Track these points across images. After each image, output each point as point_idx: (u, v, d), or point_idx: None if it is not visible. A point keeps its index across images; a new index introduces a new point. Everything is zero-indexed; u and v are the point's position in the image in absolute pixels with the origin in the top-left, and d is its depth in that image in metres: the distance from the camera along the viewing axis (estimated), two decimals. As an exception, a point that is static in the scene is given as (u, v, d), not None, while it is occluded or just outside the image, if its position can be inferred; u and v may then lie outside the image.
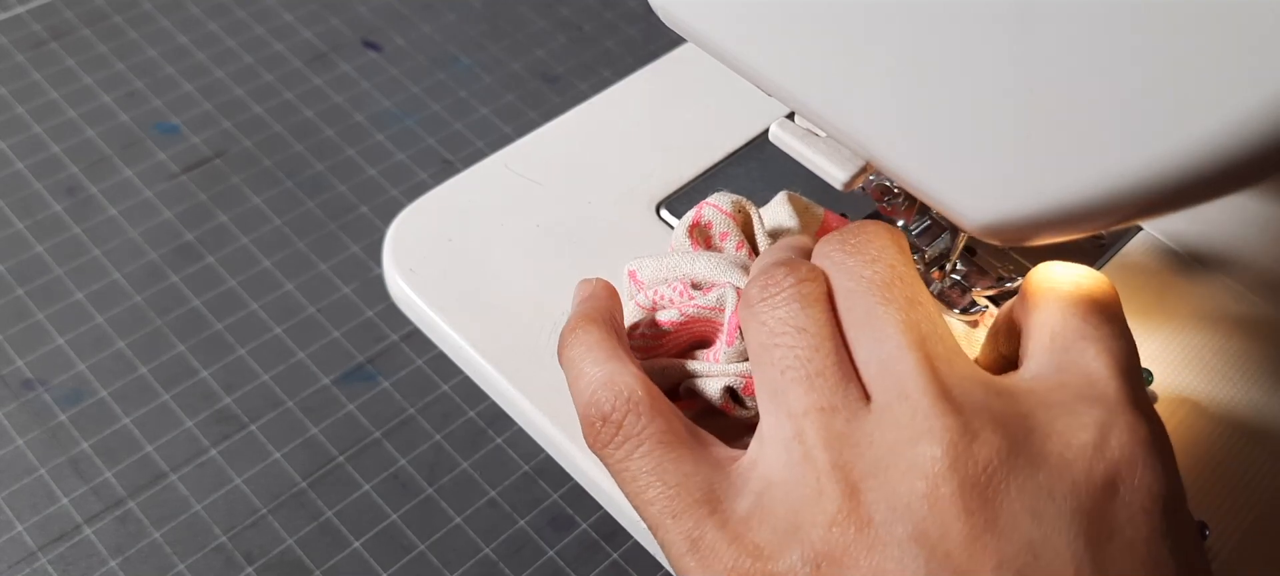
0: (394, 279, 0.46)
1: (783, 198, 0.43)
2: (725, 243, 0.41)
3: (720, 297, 0.38)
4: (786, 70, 0.35)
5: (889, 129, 0.33)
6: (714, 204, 0.42)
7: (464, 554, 0.71)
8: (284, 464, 0.75)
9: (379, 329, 0.83)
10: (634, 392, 0.32)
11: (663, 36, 1.10)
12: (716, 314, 0.38)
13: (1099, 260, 0.48)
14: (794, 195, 0.43)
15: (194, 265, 0.86)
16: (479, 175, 0.50)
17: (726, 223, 0.41)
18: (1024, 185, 0.30)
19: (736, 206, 0.42)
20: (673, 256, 0.41)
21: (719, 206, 0.41)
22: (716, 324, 0.38)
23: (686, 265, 0.40)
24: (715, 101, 0.54)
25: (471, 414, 0.78)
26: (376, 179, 0.94)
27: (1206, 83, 0.25)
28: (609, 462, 0.32)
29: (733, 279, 0.39)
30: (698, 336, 0.39)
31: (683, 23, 0.37)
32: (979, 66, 0.29)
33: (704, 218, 0.42)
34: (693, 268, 0.40)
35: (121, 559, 0.69)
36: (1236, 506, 0.41)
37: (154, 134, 0.96)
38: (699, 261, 0.40)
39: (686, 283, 0.39)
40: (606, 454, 0.32)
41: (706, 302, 0.38)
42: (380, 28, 1.08)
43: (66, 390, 0.77)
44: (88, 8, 1.06)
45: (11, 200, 0.89)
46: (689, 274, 0.40)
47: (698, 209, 0.42)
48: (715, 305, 0.38)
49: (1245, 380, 0.45)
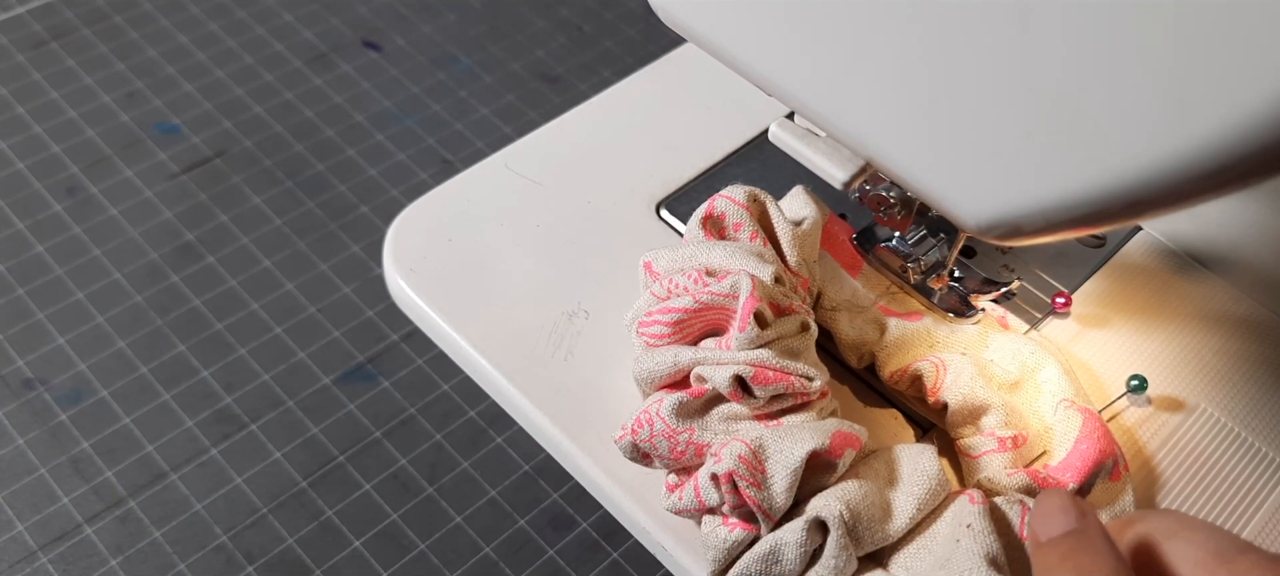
0: (394, 279, 0.46)
1: (799, 191, 0.44)
2: (739, 233, 0.41)
3: (734, 284, 0.38)
4: (786, 70, 0.35)
5: (889, 129, 0.33)
6: (727, 196, 0.42)
7: (464, 553, 0.71)
8: (284, 463, 0.75)
9: (379, 329, 0.83)
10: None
11: (663, 36, 1.10)
12: (730, 300, 0.38)
13: (1099, 260, 0.48)
14: (809, 190, 0.43)
15: (194, 265, 0.86)
16: (479, 175, 0.50)
17: (740, 213, 0.41)
18: (1024, 184, 0.30)
19: (750, 197, 0.42)
20: (687, 247, 0.41)
21: (732, 198, 0.41)
22: (730, 312, 0.38)
23: (702, 254, 0.40)
24: (715, 101, 0.54)
25: (472, 413, 0.78)
26: (376, 179, 0.94)
27: (1206, 82, 0.25)
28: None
29: (748, 266, 0.39)
30: (712, 325, 0.39)
31: (683, 23, 0.37)
32: (979, 67, 0.29)
33: (717, 209, 0.42)
34: (708, 257, 0.40)
35: (122, 558, 0.69)
36: (1237, 507, 0.41)
37: (154, 134, 0.96)
38: (714, 250, 0.40)
39: (701, 271, 0.39)
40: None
41: (720, 289, 0.38)
42: (380, 28, 1.08)
43: (67, 390, 0.77)
44: (88, 8, 1.06)
45: (12, 200, 0.89)
46: (704, 262, 0.40)
47: (711, 201, 0.42)
48: (728, 292, 0.38)
49: (1245, 380, 0.45)
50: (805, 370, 0.37)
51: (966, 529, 0.34)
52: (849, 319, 0.43)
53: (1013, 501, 0.35)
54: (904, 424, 0.42)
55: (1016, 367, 0.41)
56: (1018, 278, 0.47)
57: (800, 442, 0.35)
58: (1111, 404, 0.43)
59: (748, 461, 0.35)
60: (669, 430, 0.37)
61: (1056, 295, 0.46)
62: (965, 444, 0.40)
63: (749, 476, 0.34)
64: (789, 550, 0.34)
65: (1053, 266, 0.48)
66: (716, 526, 0.36)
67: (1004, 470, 0.38)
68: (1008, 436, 0.38)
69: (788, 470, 0.34)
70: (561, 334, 0.44)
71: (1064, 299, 0.46)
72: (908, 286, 0.45)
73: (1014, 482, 0.37)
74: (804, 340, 0.38)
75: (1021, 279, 0.47)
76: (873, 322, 0.43)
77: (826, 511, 0.34)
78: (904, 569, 0.35)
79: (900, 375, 0.41)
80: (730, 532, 0.35)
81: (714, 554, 0.36)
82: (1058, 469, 0.38)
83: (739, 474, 0.34)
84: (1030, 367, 0.41)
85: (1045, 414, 0.40)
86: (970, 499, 0.35)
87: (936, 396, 0.40)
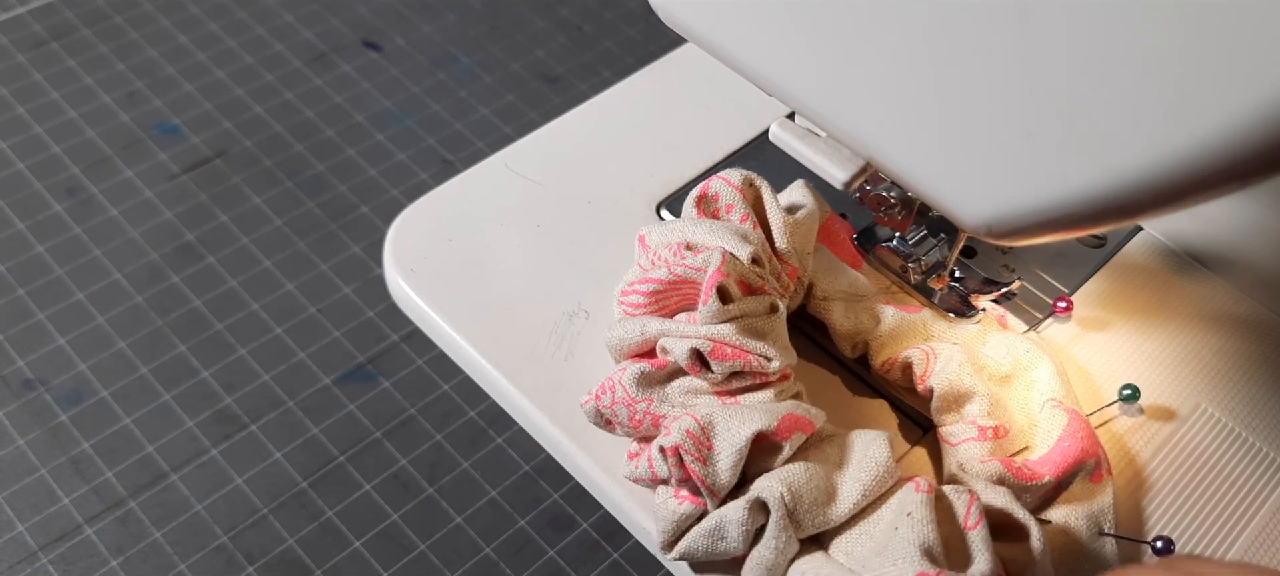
0: (394, 279, 0.46)
1: (800, 184, 0.44)
2: (730, 215, 0.42)
3: (706, 259, 0.38)
4: (787, 70, 0.35)
5: (889, 129, 0.33)
6: (723, 177, 0.42)
7: (464, 553, 0.71)
8: (284, 464, 0.75)
9: (379, 329, 0.83)
10: None
11: (663, 36, 1.10)
12: (700, 275, 0.38)
13: (1099, 260, 0.48)
14: (809, 184, 0.44)
15: (194, 265, 0.86)
16: (479, 175, 0.50)
17: (732, 195, 0.42)
18: (1024, 184, 0.30)
19: (745, 181, 0.42)
20: (678, 222, 0.42)
21: (727, 180, 0.42)
22: (701, 286, 0.38)
23: (689, 230, 0.41)
24: (715, 101, 0.54)
25: (472, 414, 0.78)
26: (377, 179, 0.94)
27: (1207, 82, 0.25)
28: None
29: (727, 244, 0.39)
30: (688, 300, 0.40)
31: (683, 23, 0.37)
32: (979, 67, 0.29)
33: (711, 189, 0.42)
34: (693, 233, 0.41)
35: (122, 558, 0.69)
36: (1237, 507, 0.41)
37: (155, 134, 0.96)
38: (700, 227, 0.41)
39: (681, 245, 0.40)
40: None
41: (693, 263, 0.38)
42: (380, 28, 1.08)
43: (67, 390, 0.77)
44: (88, 8, 1.06)
45: (12, 200, 0.89)
46: (689, 238, 0.40)
47: (707, 182, 0.42)
48: (700, 266, 0.38)
49: (1245, 380, 0.45)
50: (764, 349, 0.37)
51: (907, 516, 0.34)
52: (844, 309, 0.43)
53: (961, 492, 0.35)
54: (892, 415, 0.42)
55: (1010, 363, 0.41)
56: (1018, 277, 0.47)
57: (747, 422, 0.35)
58: (1102, 409, 0.43)
59: (695, 436, 0.35)
60: (629, 398, 0.38)
61: (1058, 299, 0.46)
62: (946, 431, 0.40)
63: (695, 451, 0.35)
64: (732, 527, 0.35)
65: (1053, 266, 0.48)
66: (668, 497, 0.37)
67: (978, 458, 0.38)
68: (989, 426, 0.38)
69: (733, 448, 0.35)
70: (561, 334, 0.44)
71: (1066, 303, 0.46)
72: (908, 286, 0.45)
73: (986, 471, 0.37)
74: (771, 322, 0.39)
75: (1022, 279, 0.47)
76: (869, 311, 0.43)
77: (768, 493, 0.35)
78: (844, 553, 0.35)
79: (891, 364, 0.41)
80: (680, 505, 0.36)
81: (664, 525, 0.36)
82: (1036, 463, 0.38)
83: (685, 448, 0.35)
84: (1024, 365, 0.41)
85: (1033, 411, 0.40)
86: (916, 487, 0.35)
87: (925, 383, 0.40)
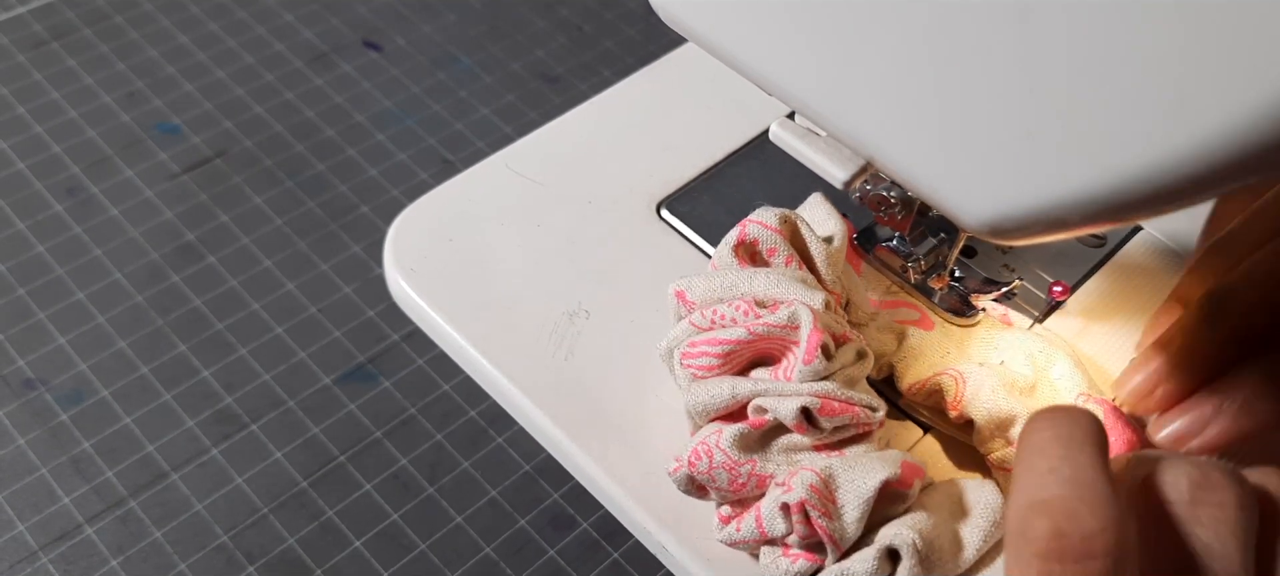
0: (395, 279, 0.46)
1: (818, 198, 0.43)
2: (774, 259, 0.41)
3: (792, 316, 0.37)
4: (786, 70, 0.35)
5: (889, 128, 0.33)
6: (757, 221, 0.40)
7: (465, 553, 0.71)
8: (285, 463, 0.75)
9: (379, 329, 0.83)
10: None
11: (663, 36, 1.10)
12: (788, 332, 0.37)
13: (1099, 259, 0.48)
14: (826, 197, 0.43)
15: (195, 265, 0.86)
16: (479, 175, 0.50)
17: (773, 238, 0.40)
18: (1024, 184, 0.30)
19: (781, 220, 0.41)
20: (723, 274, 0.40)
21: (764, 223, 0.40)
22: (783, 342, 0.37)
23: (744, 283, 0.39)
24: (715, 101, 0.54)
25: (472, 413, 0.78)
26: (377, 179, 0.94)
27: (1207, 82, 0.25)
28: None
29: (798, 295, 0.38)
30: (759, 354, 0.39)
31: (683, 23, 0.37)
32: (979, 65, 0.29)
33: (749, 235, 0.40)
34: (752, 286, 0.39)
35: (122, 558, 0.69)
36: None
37: (155, 134, 0.96)
38: (757, 279, 0.39)
39: (749, 301, 0.39)
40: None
41: (776, 320, 0.37)
42: (380, 28, 1.08)
43: (67, 390, 0.77)
44: (89, 8, 1.06)
45: (12, 200, 0.89)
46: (748, 292, 0.39)
47: (741, 227, 0.41)
48: (786, 322, 0.37)
49: (1245, 380, 0.45)
50: (868, 400, 0.37)
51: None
52: (875, 330, 0.43)
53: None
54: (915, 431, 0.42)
55: (1030, 369, 0.41)
56: (1018, 277, 0.47)
57: (872, 472, 0.35)
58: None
59: (819, 491, 0.34)
60: (730, 461, 0.36)
61: (1053, 284, 0.46)
62: (998, 458, 0.39)
63: (821, 506, 0.34)
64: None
65: (1053, 266, 0.48)
66: (777, 557, 0.36)
67: None
68: None
69: (860, 499, 0.34)
70: (562, 334, 0.44)
71: (1061, 287, 0.46)
72: (908, 286, 0.45)
73: None
74: (862, 368, 0.38)
75: (1022, 278, 0.47)
76: (889, 331, 0.43)
77: (899, 540, 0.34)
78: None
79: (918, 388, 0.41)
80: (793, 564, 0.35)
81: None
82: None
83: (811, 503, 0.34)
84: (1041, 366, 0.41)
85: None
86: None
87: (959, 410, 0.40)
